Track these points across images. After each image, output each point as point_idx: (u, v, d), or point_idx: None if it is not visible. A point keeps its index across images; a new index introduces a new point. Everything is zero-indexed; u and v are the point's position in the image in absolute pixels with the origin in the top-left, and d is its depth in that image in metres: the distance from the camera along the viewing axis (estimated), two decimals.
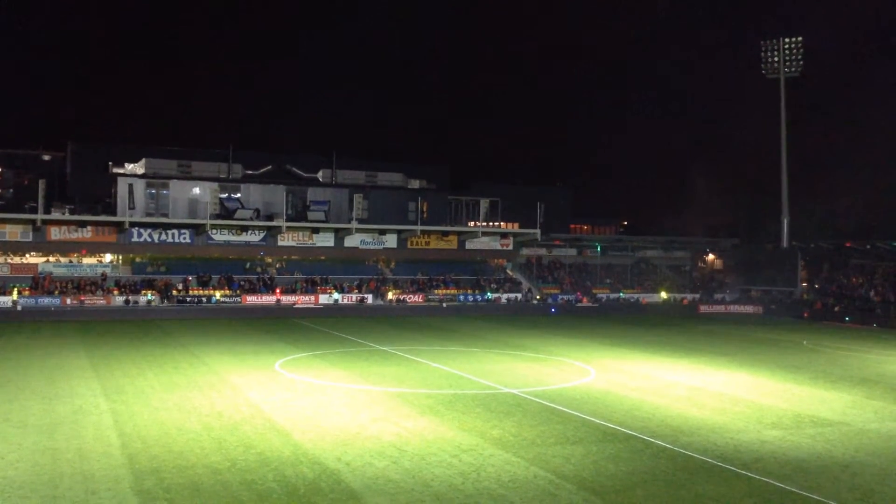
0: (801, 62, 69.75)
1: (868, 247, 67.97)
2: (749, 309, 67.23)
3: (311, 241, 64.62)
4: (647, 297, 69.70)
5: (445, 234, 68.57)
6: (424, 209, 69.66)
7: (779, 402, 25.83)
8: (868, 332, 52.51)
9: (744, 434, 21.05)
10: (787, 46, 69.93)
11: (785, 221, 71.19)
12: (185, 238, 60.93)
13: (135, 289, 57.47)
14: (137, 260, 61.82)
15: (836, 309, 61.36)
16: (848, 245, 69.46)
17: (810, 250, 71.12)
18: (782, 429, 21.79)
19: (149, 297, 56.46)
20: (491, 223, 71.78)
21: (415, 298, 63.36)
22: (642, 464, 18.02)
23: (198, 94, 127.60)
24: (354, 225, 64.04)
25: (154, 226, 59.98)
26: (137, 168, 68.50)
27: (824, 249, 71.00)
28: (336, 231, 64.82)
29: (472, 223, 71.21)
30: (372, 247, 66.35)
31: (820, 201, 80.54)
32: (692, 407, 24.74)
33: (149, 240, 59.87)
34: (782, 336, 48.23)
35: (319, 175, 74.03)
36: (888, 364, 35.96)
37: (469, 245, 69.32)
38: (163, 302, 56.69)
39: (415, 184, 76.41)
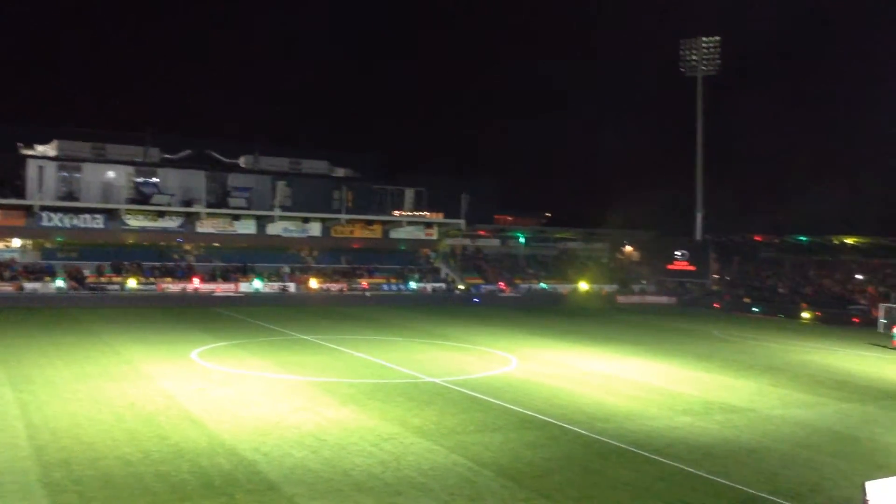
0: (719, 61, 72.16)
1: (777, 241, 70.97)
2: (664, 300, 69.25)
3: (231, 228, 63.39)
4: (567, 288, 70.92)
5: (370, 223, 68.29)
6: (349, 198, 69.11)
7: (690, 389, 26.75)
8: (774, 322, 54.80)
9: (656, 420, 21.74)
10: (704, 46, 72.26)
11: (699, 215, 73.66)
12: (98, 223, 58.94)
13: (48, 274, 55.27)
14: (48, 245, 59.41)
15: (746, 300, 63.85)
16: (758, 239, 72.34)
17: (722, 243, 73.76)
18: (692, 415, 22.58)
19: (59, 284, 54.40)
20: (416, 213, 71.78)
21: (338, 287, 62.94)
22: (559, 450, 18.42)
23: (114, 74, 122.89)
24: (277, 212, 63.11)
25: (66, 210, 57.81)
26: (49, 150, 65.73)
27: (736, 242, 73.76)
28: (258, 218, 63.75)
29: (396, 212, 71.05)
30: (295, 235, 65.54)
31: (734, 197, 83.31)
32: (608, 394, 25.40)
33: (60, 224, 57.69)
34: (694, 326, 49.93)
35: (241, 161, 72.53)
36: (793, 353, 37.66)
37: (393, 234, 69.22)
38: (76, 290, 54.69)
39: (340, 172, 75.71)
